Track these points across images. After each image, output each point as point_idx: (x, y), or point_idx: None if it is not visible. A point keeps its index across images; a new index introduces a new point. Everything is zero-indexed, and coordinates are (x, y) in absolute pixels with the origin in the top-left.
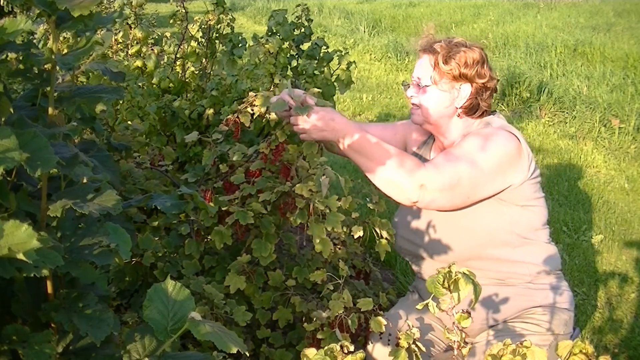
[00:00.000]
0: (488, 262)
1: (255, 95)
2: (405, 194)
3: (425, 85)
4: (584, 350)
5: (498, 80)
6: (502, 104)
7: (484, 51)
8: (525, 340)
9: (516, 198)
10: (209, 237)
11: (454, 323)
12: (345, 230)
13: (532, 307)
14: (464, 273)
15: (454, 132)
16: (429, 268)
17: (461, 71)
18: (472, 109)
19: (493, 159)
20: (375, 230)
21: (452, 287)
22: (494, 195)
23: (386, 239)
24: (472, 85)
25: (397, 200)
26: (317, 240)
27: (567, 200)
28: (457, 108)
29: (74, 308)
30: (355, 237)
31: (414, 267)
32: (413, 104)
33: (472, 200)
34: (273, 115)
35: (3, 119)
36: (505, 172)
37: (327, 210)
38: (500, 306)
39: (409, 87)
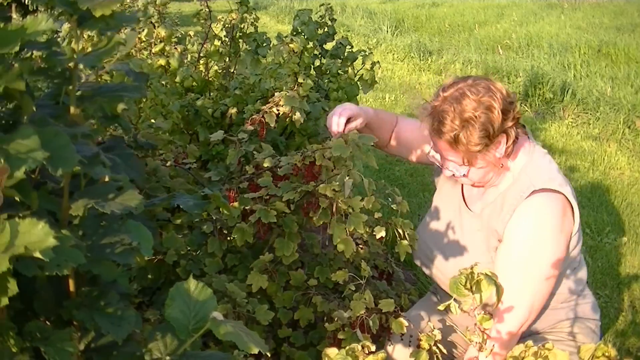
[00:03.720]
0: None
1: (280, 95)
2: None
3: (464, 172)
4: (606, 354)
5: (514, 95)
6: (525, 105)
7: (485, 81)
8: (547, 343)
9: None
10: (232, 236)
11: (475, 324)
12: (367, 230)
13: (558, 322)
14: (486, 274)
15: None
16: (439, 273)
17: (490, 136)
18: (510, 147)
19: (555, 252)
20: (398, 231)
21: (474, 288)
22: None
23: (407, 240)
24: (506, 134)
25: None
26: (338, 240)
27: (590, 202)
28: (500, 159)
29: (95, 306)
30: (378, 237)
31: (425, 270)
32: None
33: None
34: (298, 117)
35: (26, 117)
36: (563, 239)
37: (350, 211)
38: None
39: (442, 167)
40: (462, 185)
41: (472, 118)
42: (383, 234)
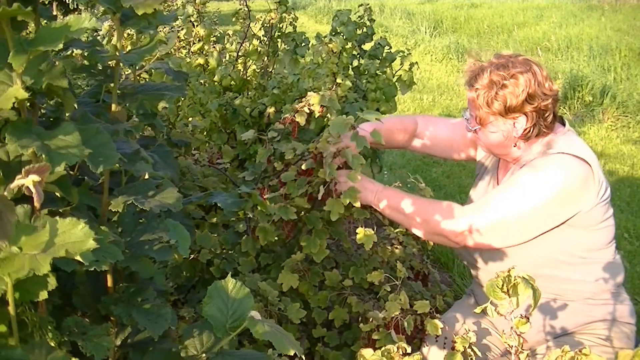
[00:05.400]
0: (544, 279)
1: (313, 95)
2: (452, 241)
3: (476, 129)
4: None
5: (557, 91)
6: (564, 108)
7: (535, 67)
8: (584, 348)
9: (585, 222)
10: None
11: (512, 328)
12: (402, 230)
13: (592, 322)
14: (524, 278)
15: (520, 155)
16: (486, 275)
17: (507, 108)
18: (533, 134)
19: (546, 196)
20: None
21: (511, 292)
22: (560, 224)
23: None
24: (525, 115)
25: (448, 246)
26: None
27: (629, 206)
28: (516, 137)
29: (132, 302)
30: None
31: (472, 272)
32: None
33: (533, 235)
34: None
35: (68, 115)
36: (567, 204)
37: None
38: (559, 319)
39: (468, 120)
40: (497, 172)
41: (497, 83)
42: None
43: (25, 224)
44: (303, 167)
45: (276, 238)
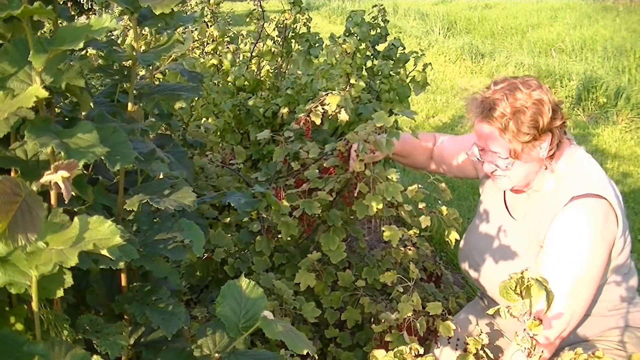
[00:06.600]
0: None
1: (327, 94)
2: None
3: (507, 165)
4: None
5: (560, 101)
6: (578, 109)
7: (539, 82)
8: (597, 351)
9: (612, 253)
10: (280, 235)
11: (524, 330)
12: (415, 231)
13: (607, 330)
14: (537, 280)
15: (538, 180)
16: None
17: (540, 129)
18: (555, 149)
19: (589, 247)
20: (443, 220)
21: (524, 294)
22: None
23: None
24: (551, 132)
25: None
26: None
27: None
28: (543, 159)
29: (146, 301)
30: (423, 226)
31: (473, 277)
32: (496, 175)
33: (599, 279)
34: (344, 116)
35: (84, 114)
36: (605, 239)
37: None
38: (575, 331)
39: (483, 162)
40: (505, 193)
41: (524, 108)
42: (428, 223)
43: (51, 220)
44: (325, 164)
45: (295, 234)
